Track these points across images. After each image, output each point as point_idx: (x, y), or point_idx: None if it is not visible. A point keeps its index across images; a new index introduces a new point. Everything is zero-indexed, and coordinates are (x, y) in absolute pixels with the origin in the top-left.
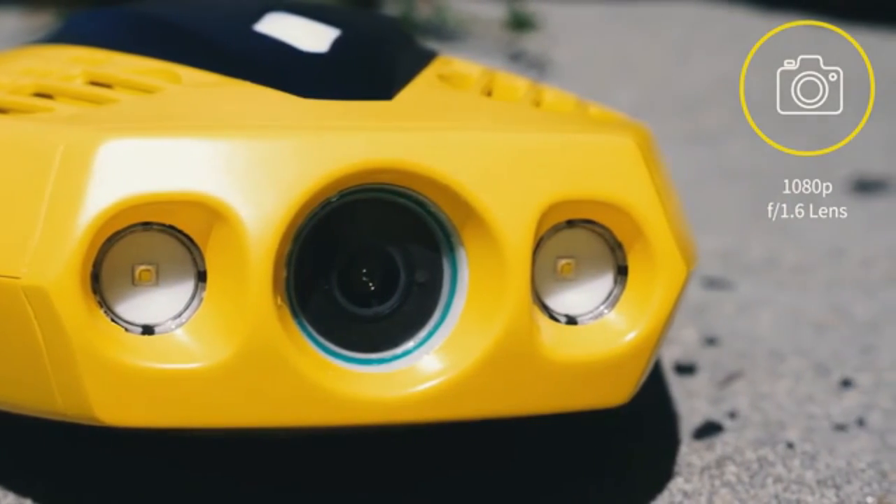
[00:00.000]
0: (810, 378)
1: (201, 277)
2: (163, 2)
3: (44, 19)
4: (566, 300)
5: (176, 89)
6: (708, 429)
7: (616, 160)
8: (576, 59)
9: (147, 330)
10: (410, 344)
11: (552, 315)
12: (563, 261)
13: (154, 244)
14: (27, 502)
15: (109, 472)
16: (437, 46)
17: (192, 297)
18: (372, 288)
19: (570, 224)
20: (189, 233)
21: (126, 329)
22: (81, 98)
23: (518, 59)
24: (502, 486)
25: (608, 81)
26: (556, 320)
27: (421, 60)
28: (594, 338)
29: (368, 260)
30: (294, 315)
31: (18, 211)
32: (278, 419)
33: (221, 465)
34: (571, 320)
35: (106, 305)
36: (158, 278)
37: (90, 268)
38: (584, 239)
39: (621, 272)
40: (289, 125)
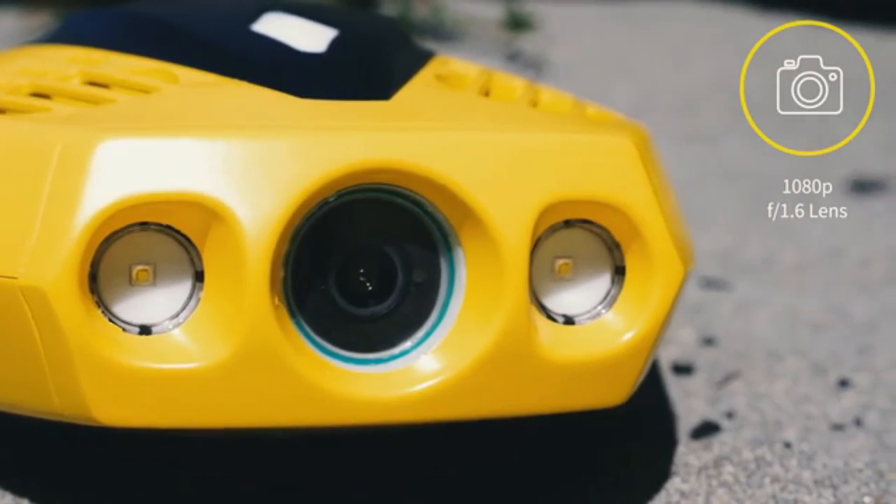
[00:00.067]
0: (808, 378)
1: (199, 277)
2: (160, 2)
3: (41, 19)
4: (564, 300)
5: (173, 89)
6: (705, 429)
7: (613, 160)
8: (573, 59)
9: (144, 330)
10: (408, 344)
11: (550, 315)
12: (561, 261)
13: (151, 244)
14: (24, 502)
15: (106, 473)
16: (435, 46)
17: (190, 297)
18: (369, 288)
19: (568, 224)
20: (186, 233)
21: (123, 329)
22: (79, 98)
23: (515, 59)
24: (500, 486)
25: (606, 81)
26: (554, 320)
27: (418, 60)
28: (592, 338)
29: (366, 260)
30: (291, 315)
31: (16, 211)
32: (276, 419)
33: (219, 466)
34: (569, 320)
35: (103, 305)
36: (156, 278)
37: (88, 268)
38: (582, 239)
39: (619, 272)
40: (286, 125)
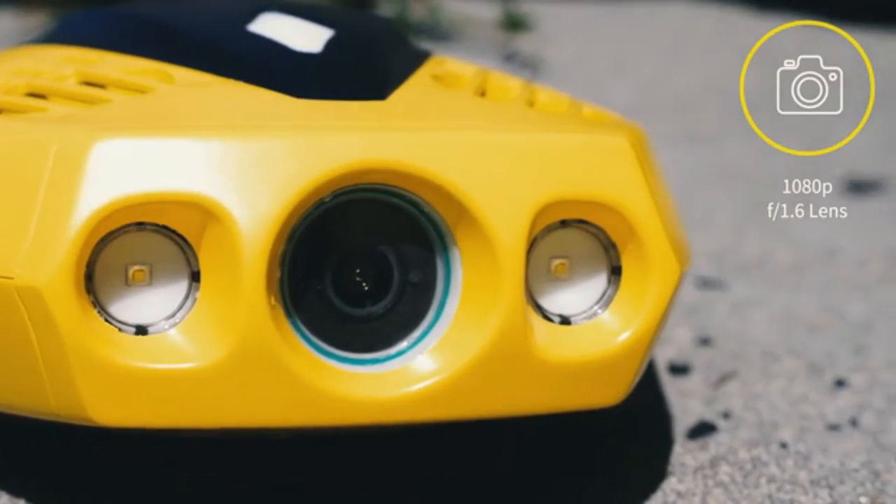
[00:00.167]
0: (804, 378)
1: (195, 277)
2: (156, 2)
3: (38, 19)
4: (560, 300)
5: (169, 89)
6: (701, 429)
7: (610, 160)
8: (569, 60)
9: (140, 330)
10: (404, 344)
11: (546, 315)
12: (557, 261)
13: (148, 244)
14: (20, 502)
15: (103, 473)
16: (431, 47)
17: (186, 298)
18: (365, 288)
19: (564, 224)
20: (183, 233)
21: (119, 329)
22: (75, 98)
23: (512, 60)
24: (497, 487)
25: (602, 81)
26: (550, 320)
27: (415, 60)
28: (588, 338)
29: (362, 260)
30: (288, 315)
31: (12, 211)
32: (272, 419)
33: (215, 466)
34: (565, 320)
35: (99, 306)
36: (152, 278)
37: (84, 268)
38: (578, 239)
39: (615, 272)
40: (282, 125)
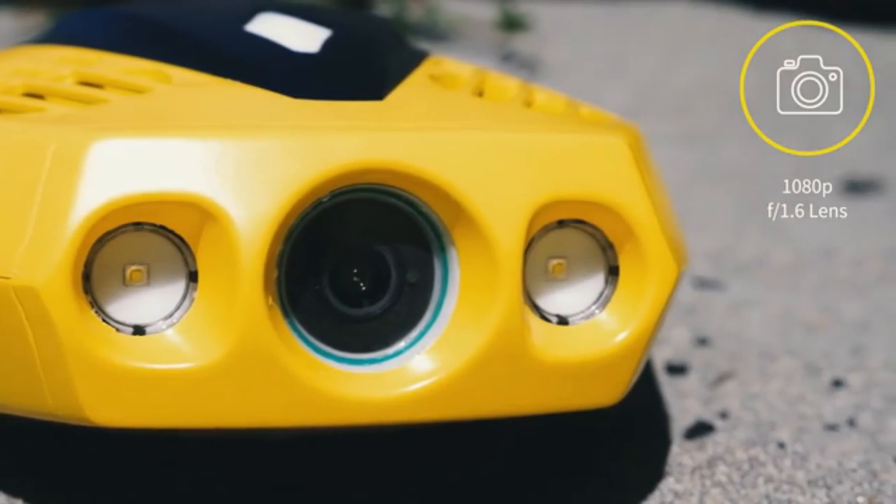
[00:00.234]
0: (801, 378)
1: (192, 277)
2: (153, 2)
3: (36, 20)
4: (557, 300)
5: (166, 89)
6: (699, 429)
7: (607, 160)
8: (567, 60)
9: (138, 330)
10: (402, 344)
11: (543, 315)
12: (555, 261)
13: (145, 244)
14: (18, 502)
15: (101, 473)
16: (429, 47)
17: (184, 298)
18: (363, 288)
19: (562, 224)
20: (180, 233)
21: (117, 329)
22: (72, 98)
23: (509, 60)
24: (494, 486)
25: (599, 82)
26: (548, 320)
27: (412, 60)
28: (585, 338)
29: (359, 260)
30: (285, 315)
31: (9, 211)
32: (269, 420)
33: (214, 466)
34: (563, 320)
35: (97, 306)
36: (149, 278)
37: (81, 268)
38: (576, 239)
39: (612, 272)
40: (280, 125)
